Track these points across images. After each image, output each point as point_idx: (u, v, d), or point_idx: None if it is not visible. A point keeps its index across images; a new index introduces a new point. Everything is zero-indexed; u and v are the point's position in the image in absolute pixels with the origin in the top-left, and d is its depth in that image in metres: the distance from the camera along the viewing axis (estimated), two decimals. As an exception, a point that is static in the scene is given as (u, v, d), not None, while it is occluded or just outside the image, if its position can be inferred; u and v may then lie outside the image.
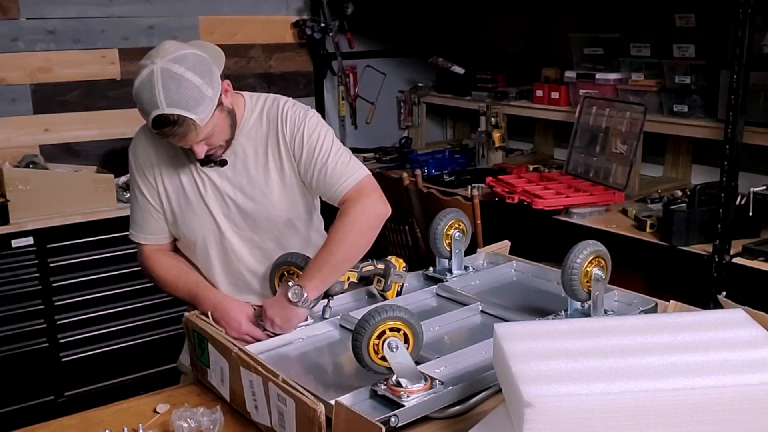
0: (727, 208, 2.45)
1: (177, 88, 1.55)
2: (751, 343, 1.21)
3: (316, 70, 4.17)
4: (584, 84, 3.41)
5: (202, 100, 1.59)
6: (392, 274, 1.82)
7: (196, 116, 1.58)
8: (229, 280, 1.88)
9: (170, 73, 1.55)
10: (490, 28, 4.32)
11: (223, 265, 1.87)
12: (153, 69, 1.56)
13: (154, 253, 1.87)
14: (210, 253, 1.85)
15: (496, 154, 3.81)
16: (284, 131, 1.79)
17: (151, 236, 1.87)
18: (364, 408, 1.35)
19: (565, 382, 1.11)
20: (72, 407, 1.68)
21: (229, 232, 1.83)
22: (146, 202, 1.83)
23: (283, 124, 1.79)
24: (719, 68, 2.89)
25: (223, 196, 1.80)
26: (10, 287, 3.06)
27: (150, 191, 1.83)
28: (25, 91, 3.39)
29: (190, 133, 1.61)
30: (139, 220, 1.86)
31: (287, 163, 1.80)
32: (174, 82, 1.55)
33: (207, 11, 3.78)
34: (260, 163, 1.80)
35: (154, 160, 1.81)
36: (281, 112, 1.80)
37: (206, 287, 1.81)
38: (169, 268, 1.86)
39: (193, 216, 1.82)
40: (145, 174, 1.82)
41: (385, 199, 1.79)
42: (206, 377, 1.62)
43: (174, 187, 1.82)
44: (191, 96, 1.57)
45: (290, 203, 1.83)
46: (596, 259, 1.64)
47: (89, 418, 1.54)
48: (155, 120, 1.57)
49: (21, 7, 3.32)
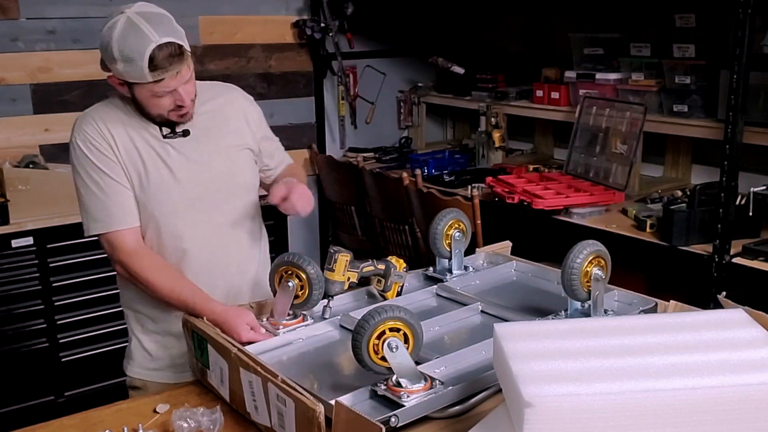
0: (727, 208, 2.45)
1: (160, 23, 1.65)
2: (751, 343, 1.21)
3: (316, 70, 4.17)
4: (584, 84, 3.41)
5: (182, 33, 1.68)
6: (392, 275, 1.83)
7: (185, 44, 1.68)
8: (204, 248, 1.85)
9: (147, 13, 1.66)
10: (490, 28, 4.32)
11: (194, 234, 1.83)
12: (127, 16, 1.64)
13: (137, 249, 1.78)
14: (177, 224, 1.81)
15: (496, 154, 3.81)
16: (243, 104, 1.95)
17: (127, 218, 1.77)
18: (364, 408, 1.35)
19: (565, 382, 1.11)
20: (72, 407, 1.68)
21: (200, 198, 1.82)
22: (117, 184, 1.76)
23: (242, 101, 1.96)
24: (719, 68, 2.89)
25: (189, 160, 1.81)
26: (10, 287, 3.06)
27: (116, 172, 1.76)
28: (25, 91, 3.39)
29: (184, 65, 1.68)
30: (111, 207, 1.76)
31: (248, 135, 1.93)
32: (156, 18, 1.65)
33: (207, 11, 3.78)
34: (221, 132, 1.88)
35: (108, 137, 1.76)
36: (235, 90, 1.98)
37: (204, 300, 1.73)
38: (159, 271, 1.77)
39: (158, 188, 1.78)
40: (106, 155, 1.75)
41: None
42: (206, 378, 1.61)
43: (132, 162, 1.77)
44: (175, 27, 1.67)
45: (251, 171, 1.94)
46: (596, 259, 1.64)
47: (89, 418, 1.54)
48: (152, 55, 1.61)
49: (21, 7, 3.32)
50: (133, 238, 1.79)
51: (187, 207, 1.82)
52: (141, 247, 1.80)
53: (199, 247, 1.85)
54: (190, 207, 1.82)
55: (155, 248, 1.83)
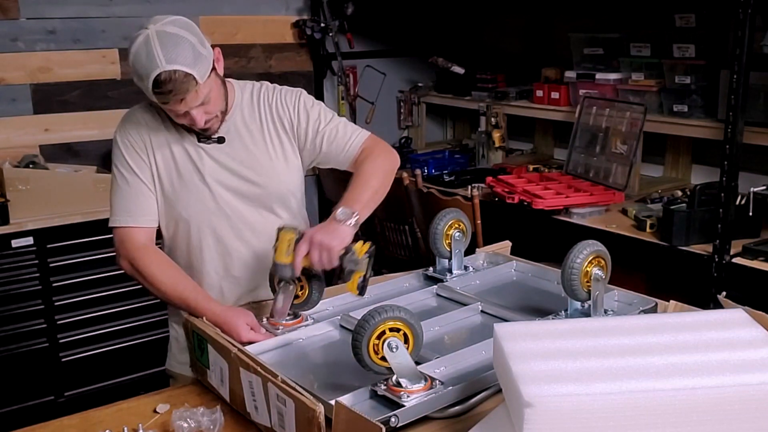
0: (727, 208, 2.45)
1: (174, 46, 1.60)
2: (751, 343, 1.21)
3: (316, 70, 4.17)
4: (584, 84, 3.41)
5: (199, 57, 1.64)
6: (347, 261, 1.62)
7: (195, 72, 1.62)
8: (220, 262, 1.87)
9: (165, 33, 1.61)
10: (490, 28, 4.32)
11: (221, 243, 1.86)
12: (148, 33, 1.62)
13: (146, 245, 1.80)
14: (205, 231, 1.84)
15: (496, 154, 3.81)
16: (283, 108, 1.87)
17: (144, 218, 1.81)
18: (364, 408, 1.35)
19: (565, 382, 1.11)
20: (72, 407, 1.68)
21: (230, 205, 1.84)
22: (140, 182, 1.80)
23: (281, 102, 1.87)
24: (719, 68, 2.89)
25: (222, 167, 1.82)
26: (10, 287, 3.06)
27: (143, 170, 1.80)
28: (25, 91, 3.39)
29: (191, 92, 1.64)
30: (131, 204, 1.80)
31: (286, 141, 1.87)
32: (171, 41, 1.61)
33: (207, 11, 3.78)
34: (258, 139, 1.85)
35: (146, 138, 1.80)
36: (274, 93, 1.89)
37: (205, 300, 1.74)
38: (165, 268, 1.79)
39: (187, 192, 1.82)
40: (138, 153, 1.80)
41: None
42: (206, 378, 1.61)
43: (165, 163, 1.81)
44: (189, 53, 1.62)
45: (290, 176, 1.89)
46: (596, 259, 1.63)
47: (89, 418, 1.54)
48: (156, 80, 1.60)
49: (21, 7, 3.32)
50: (144, 236, 1.82)
51: (218, 212, 1.84)
52: (150, 246, 1.82)
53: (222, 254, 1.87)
54: (219, 213, 1.84)
55: (183, 251, 1.88)
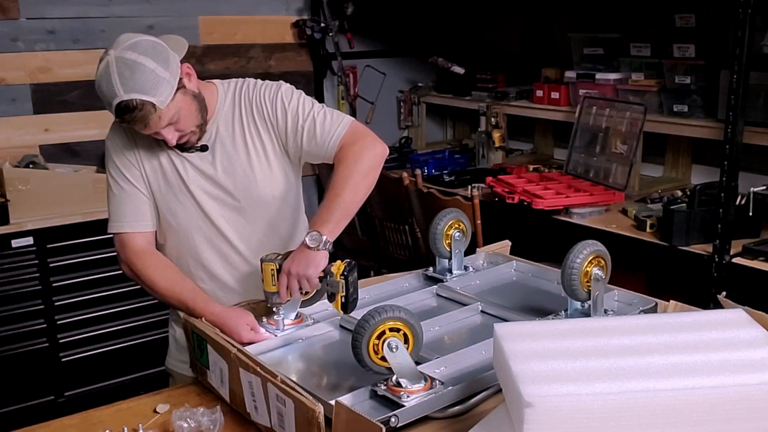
0: (727, 208, 2.45)
1: (132, 74, 1.59)
2: (751, 343, 1.21)
3: (316, 70, 4.17)
4: (584, 84, 3.41)
5: (159, 83, 1.61)
6: (326, 285, 1.64)
7: (154, 99, 1.61)
8: (221, 264, 1.87)
9: (123, 60, 1.59)
10: (490, 28, 4.32)
11: (210, 249, 1.86)
12: (107, 60, 1.60)
13: (145, 249, 1.81)
14: (195, 238, 1.84)
15: (496, 154, 3.81)
16: (262, 106, 1.82)
17: (141, 223, 1.81)
18: (364, 408, 1.35)
19: (565, 382, 1.11)
20: (72, 407, 1.68)
21: (214, 214, 1.83)
22: (133, 187, 1.80)
23: (259, 100, 1.83)
24: (719, 68, 2.89)
25: (205, 176, 1.81)
26: (10, 287, 3.06)
27: (134, 176, 1.81)
28: (25, 91, 3.39)
29: (152, 117, 1.63)
30: (127, 210, 1.81)
31: (268, 141, 1.83)
32: (128, 69, 1.59)
33: (207, 11, 3.78)
34: (239, 143, 1.83)
35: (134, 144, 1.81)
36: (254, 90, 1.84)
37: (204, 301, 1.74)
38: (162, 271, 1.79)
39: (174, 200, 1.82)
40: (128, 158, 1.81)
41: (380, 139, 1.87)
42: (206, 378, 1.61)
43: (153, 170, 1.81)
44: (147, 80, 1.59)
45: (273, 181, 1.85)
46: (596, 259, 1.63)
47: (89, 418, 1.54)
48: (116, 108, 1.60)
49: (21, 7, 3.32)
50: (143, 240, 1.82)
51: (205, 220, 1.84)
52: (149, 249, 1.83)
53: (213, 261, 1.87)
54: (206, 220, 1.84)
55: (174, 257, 1.86)
